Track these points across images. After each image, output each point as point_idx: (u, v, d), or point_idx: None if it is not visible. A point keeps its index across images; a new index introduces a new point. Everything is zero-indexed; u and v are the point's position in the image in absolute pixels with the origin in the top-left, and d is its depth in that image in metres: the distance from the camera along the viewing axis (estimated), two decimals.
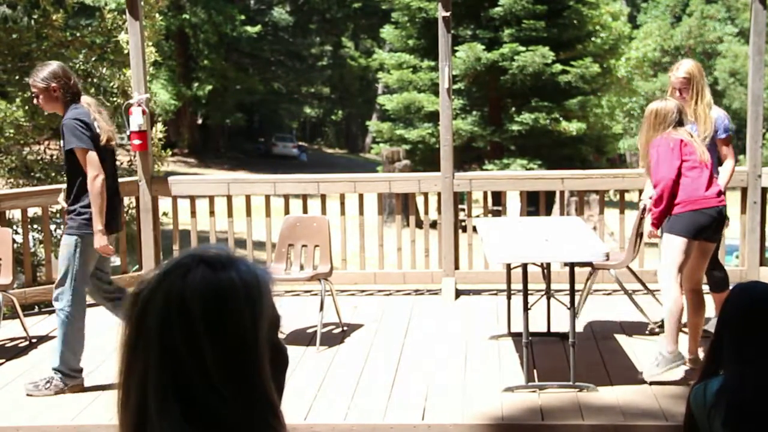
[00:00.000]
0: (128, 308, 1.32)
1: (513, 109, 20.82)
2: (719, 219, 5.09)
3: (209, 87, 33.88)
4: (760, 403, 2.62)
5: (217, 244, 1.39)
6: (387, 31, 22.93)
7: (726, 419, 2.62)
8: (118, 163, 9.61)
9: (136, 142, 7.09)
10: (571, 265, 5.16)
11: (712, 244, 5.19)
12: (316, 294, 7.37)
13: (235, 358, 1.27)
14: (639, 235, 5.84)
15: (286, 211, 7.29)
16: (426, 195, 7.43)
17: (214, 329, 1.26)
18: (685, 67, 5.56)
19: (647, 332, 5.87)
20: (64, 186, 5.43)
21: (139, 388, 1.28)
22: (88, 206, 5.12)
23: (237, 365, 1.27)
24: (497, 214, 8.32)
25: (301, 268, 6.20)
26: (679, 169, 5.01)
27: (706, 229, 5.03)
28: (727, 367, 2.71)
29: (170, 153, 10.18)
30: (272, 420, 1.30)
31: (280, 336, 1.38)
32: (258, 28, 34.58)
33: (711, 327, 4.25)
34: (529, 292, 5.10)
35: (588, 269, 5.96)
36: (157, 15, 9.58)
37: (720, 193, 5.12)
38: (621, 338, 5.86)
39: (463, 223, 7.63)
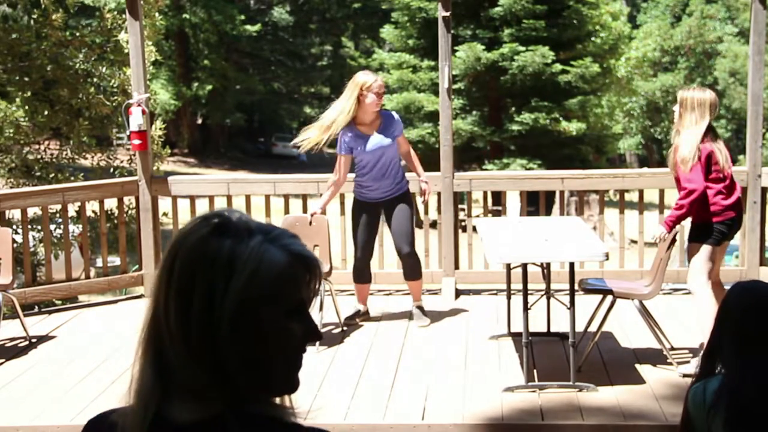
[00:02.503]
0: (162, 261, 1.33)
1: (513, 109, 20.81)
2: (739, 222, 5.37)
3: (209, 87, 33.88)
4: (761, 403, 2.62)
5: (243, 213, 1.36)
6: (387, 31, 22.92)
7: (727, 419, 2.61)
8: (118, 162, 9.69)
9: (136, 141, 7.09)
10: (571, 265, 5.16)
11: (728, 241, 5.41)
12: None
13: (202, 328, 1.26)
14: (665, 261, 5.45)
15: (286, 211, 7.29)
16: None
17: (186, 291, 1.26)
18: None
19: (671, 364, 5.34)
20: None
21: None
22: None
23: (206, 338, 1.26)
24: (497, 214, 8.33)
25: None
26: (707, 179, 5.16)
27: (728, 235, 5.29)
28: (726, 366, 2.71)
29: (170, 152, 10.18)
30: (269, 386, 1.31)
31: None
32: (258, 27, 34.57)
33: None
34: (529, 292, 5.10)
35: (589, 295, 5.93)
36: (156, 14, 9.57)
37: (738, 200, 5.30)
38: (621, 338, 5.86)
39: (463, 223, 7.63)
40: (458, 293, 7.03)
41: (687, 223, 5.59)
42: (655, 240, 5.36)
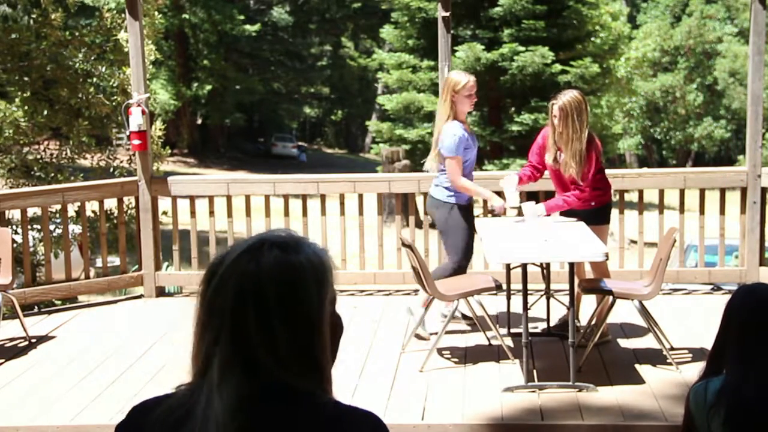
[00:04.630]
0: (202, 288, 1.46)
1: (513, 109, 20.80)
2: None
3: (209, 87, 33.87)
4: (762, 403, 2.62)
5: (283, 229, 1.52)
6: (387, 31, 22.91)
7: (726, 419, 2.62)
8: (118, 162, 9.69)
9: (136, 142, 7.09)
10: (571, 265, 5.17)
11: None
12: None
13: (302, 334, 1.42)
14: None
15: (286, 212, 7.29)
16: (426, 195, 7.41)
17: (286, 308, 1.41)
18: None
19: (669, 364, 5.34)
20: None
21: (207, 349, 1.42)
22: None
23: (303, 340, 1.42)
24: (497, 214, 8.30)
25: None
26: None
27: None
28: (729, 366, 2.71)
29: (169, 152, 10.18)
30: (327, 385, 1.46)
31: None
32: (257, 27, 34.57)
33: None
34: (528, 292, 5.10)
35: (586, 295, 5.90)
36: (156, 14, 9.57)
37: None
38: (621, 338, 5.86)
39: None
40: None
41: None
42: None
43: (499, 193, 6.00)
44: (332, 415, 1.44)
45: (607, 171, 6.03)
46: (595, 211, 5.61)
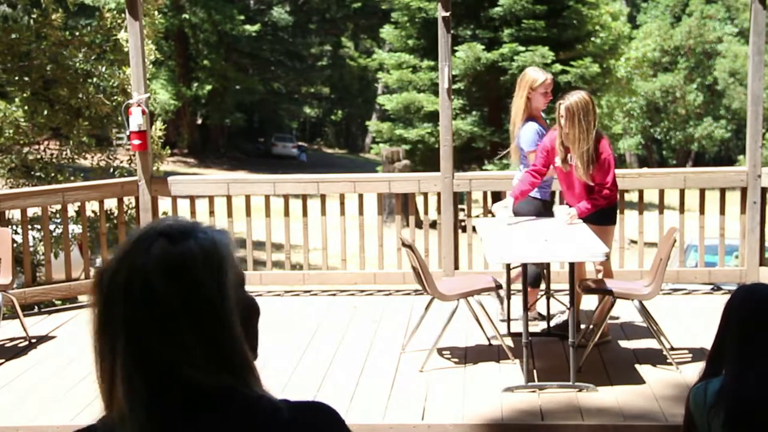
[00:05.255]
0: (93, 290, 1.30)
1: None
2: None
3: (209, 87, 33.86)
4: (761, 403, 2.62)
5: (172, 216, 1.41)
6: (387, 31, 22.89)
7: (726, 419, 2.62)
8: (118, 162, 9.68)
9: (136, 142, 7.09)
10: (571, 265, 5.16)
11: None
12: (315, 294, 7.38)
13: (208, 327, 1.26)
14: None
15: (286, 212, 7.29)
16: (426, 195, 7.43)
17: (183, 302, 1.25)
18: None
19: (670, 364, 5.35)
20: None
21: (109, 372, 1.30)
22: None
23: (209, 333, 1.26)
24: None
25: None
26: None
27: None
28: (728, 367, 2.71)
29: (169, 152, 10.17)
30: (250, 379, 1.30)
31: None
32: (257, 27, 34.56)
33: None
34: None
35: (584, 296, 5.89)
36: (156, 14, 9.57)
37: None
38: (621, 338, 5.86)
39: (463, 223, 7.62)
40: None
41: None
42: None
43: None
44: (272, 411, 1.29)
45: None
46: (602, 211, 5.58)
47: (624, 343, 5.77)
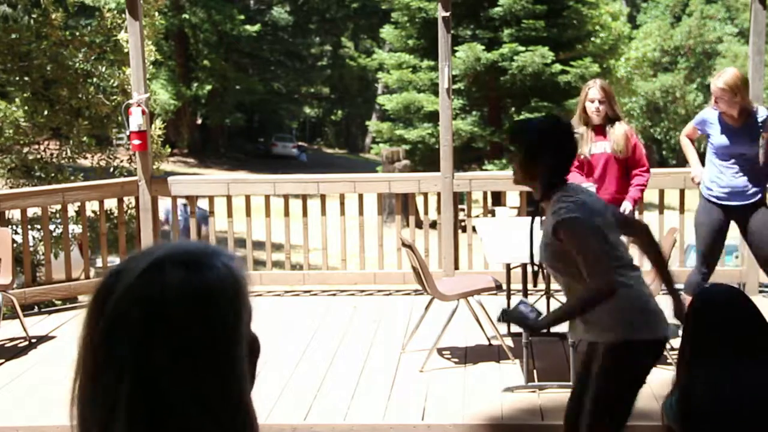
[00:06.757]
0: (90, 317, 1.14)
1: (513, 109, 20.80)
2: None
3: (209, 87, 33.86)
4: (709, 402, 2.61)
5: (185, 241, 1.28)
6: (387, 31, 22.90)
7: (683, 425, 2.61)
8: (118, 162, 9.68)
9: (136, 142, 7.09)
10: None
11: None
12: (315, 294, 7.38)
13: (223, 367, 1.14)
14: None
15: (286, 212, 7.29)
16: (426, 195, 7.43)
17: (200, 338, 1.12)
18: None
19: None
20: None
21: (106, 407, 1.10)
22: None
23: (224, 374, 1.15)
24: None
25: None
26: None
27: None
28: (683, 372, 2.73)
29: (169, 152, 10.17)
30: (253, 424, 1.19)
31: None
32: (258, 27, 34.57)
33: None
34: (528, 292, 5.10)
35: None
36: (156, 14, 9.57)
37: None
38: None
39: (463, 223, 7.63)
40: None
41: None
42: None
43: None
44: None
45: None
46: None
47: None
